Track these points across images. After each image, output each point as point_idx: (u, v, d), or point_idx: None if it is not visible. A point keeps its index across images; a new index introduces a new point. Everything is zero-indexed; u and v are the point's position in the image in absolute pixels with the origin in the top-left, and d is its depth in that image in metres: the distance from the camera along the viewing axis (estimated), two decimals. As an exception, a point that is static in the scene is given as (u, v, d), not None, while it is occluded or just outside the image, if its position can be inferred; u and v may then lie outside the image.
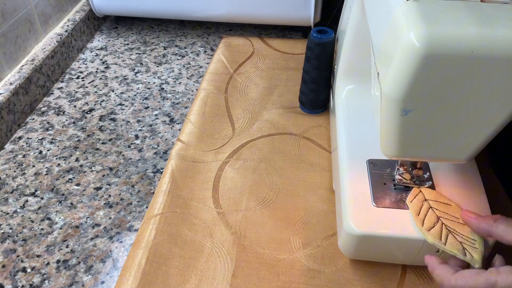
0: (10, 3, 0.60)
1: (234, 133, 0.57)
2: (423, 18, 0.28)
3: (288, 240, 0.44)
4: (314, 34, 0.54)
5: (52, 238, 0.45)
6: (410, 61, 0.28)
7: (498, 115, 0.30)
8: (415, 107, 0.30)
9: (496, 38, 0.27)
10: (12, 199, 0.50)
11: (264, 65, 0.69)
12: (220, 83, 0.65)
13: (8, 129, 0.57)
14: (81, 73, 0.70)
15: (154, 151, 0.56)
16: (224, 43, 0.74)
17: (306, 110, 0.59)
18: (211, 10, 0.74)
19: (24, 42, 0.63)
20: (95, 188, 0.51)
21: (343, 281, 0.41)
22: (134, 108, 0.63)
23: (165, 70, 0.70)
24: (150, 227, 0.45)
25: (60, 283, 0.41)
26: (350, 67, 0.52)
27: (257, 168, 0.52)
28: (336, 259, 0.42)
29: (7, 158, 0.55)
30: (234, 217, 0.46)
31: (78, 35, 0.74)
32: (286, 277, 0.41)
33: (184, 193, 0.49)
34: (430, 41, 0.27)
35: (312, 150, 0.54)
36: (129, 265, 0.42)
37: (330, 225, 0.45)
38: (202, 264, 0.42)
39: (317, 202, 0.48)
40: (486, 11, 0.29)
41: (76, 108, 0.63)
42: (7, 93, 0.57)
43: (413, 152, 0.34)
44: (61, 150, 0.56)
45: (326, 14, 0.75)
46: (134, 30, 0.81)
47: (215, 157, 0.53)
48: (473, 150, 0.33)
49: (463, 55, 0.27)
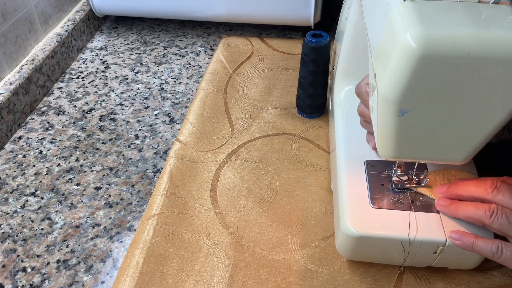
0: (10, 3, 0.60)
1: (233, 133, 0.57)
2: (419, 18, 0.28)
3: (286, 241, 0.44)
4: (308, 39, 0.53)
5: (52, 238, 0.46)
6: (407, 61, 0.28)
7: (495, 115, 0.30)
8: (411, 108, 0.30)
9: (492, 39, 0.27)
10: (12, 199, 0.50)
11: (263, 65, 0.69)
12: (219, 83, 0.65)
13: (8, 129, 0.57)
14: (81, 73, 0.70)
15: (154, 151, 0.56)
16: (224, 43, 0.74)
17: (304, 115, 0.59)
18: (211, 10, 0.74)
19: (24, 42, 0.64)
20: (95, 188, 0.51)
21: (341, 281, 0.41)
22: (134, 108, 0.63)
23: (165, 70, 0.71)
24: (148, 227, 0.45)
25: (60, 283, 0.42)
26: (349, 68, 0.52)
27: (255, 169, 0.52)
28: (333, 260, 0.42)
29: (7, 158, 0.55)
30: (232, 218, 0.46)
31: (78, 35, 0.74)
32: (284, 277, 0.41)
33: (182, 193, 0.49)
34: (426, 41, 0.27)
35: (311, 151, 0.54)
36: (127, 265, 0.42)
37: (328, 226, 0.45)
38: (200, 265, 0.42)
39: (315, 202, 0.48)
40: (483, 12, 0.29)
41: (76, 108, 0.63)
42: (7, 93, 0.57)
43: (410, 153, 0.34)
44: (61, 150, 0.56)
45: (326, 14, 0.74)
46: (134, 30, 0.81)
47: (214, 157, 0.54)
48: (470, 151, 0.33)
49: (459, 56, 0.27)
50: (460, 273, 0.41)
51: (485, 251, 0.35)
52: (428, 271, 0.41)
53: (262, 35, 0.78)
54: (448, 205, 0.37)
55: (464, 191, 0.37)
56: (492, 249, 0.34)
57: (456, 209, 0.37)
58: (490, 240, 0.35)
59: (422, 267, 0.41)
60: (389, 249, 0.38)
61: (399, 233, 0.37)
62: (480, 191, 0.35)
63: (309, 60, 0.54)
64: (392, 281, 0.41)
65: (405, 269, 0.42)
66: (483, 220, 0.35)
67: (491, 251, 0.34)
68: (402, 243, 0.37)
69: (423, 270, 0.41)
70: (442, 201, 0.38)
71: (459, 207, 0.37)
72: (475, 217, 0.35)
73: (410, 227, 0.37)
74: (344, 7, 0.55)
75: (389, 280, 0.41)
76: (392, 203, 0.39)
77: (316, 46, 0.53)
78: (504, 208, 0.34)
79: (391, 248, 0.38)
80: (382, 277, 0.41)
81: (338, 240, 0.40)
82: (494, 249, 0.34)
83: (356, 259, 0.41)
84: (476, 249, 0.35)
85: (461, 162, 0.34)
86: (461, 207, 0.36)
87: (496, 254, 0.34)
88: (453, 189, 0.38)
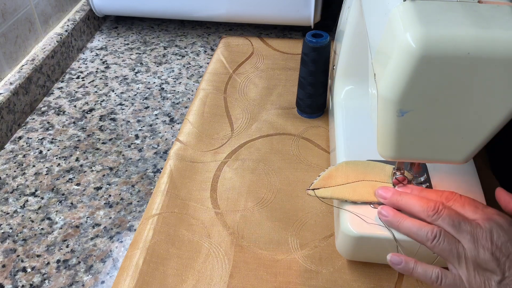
0: (10, 3, 0.60)
1: (233, 133, 0.57)
2: (419, 19, 0.28)
3: (286, 241, 0.44)
4: (309, 39, 0.53)
5: (52, 238, 0.46)
6: (407, 62, 0.28)
7: (495, 116, 0.30)
8: (411, 108, 0.30)
9: (492, 39, 0.27)
10: (12, 199, 0.50)
11: (263, 65, 0.69)
12: (219, 83, 0.65)
13: (8, 129, 0.57)
14: (81, 73, 0.70)
15: (154, 151, 0.56)
16: (224, 43, 0.74)
17: (304, 115, 0.59)
18: (211, 10, 0.74)
19: (24, 42, 0.64)
20: (95, 188, 0.51)
21: (341, 282, 0.41)
22: (134, 108, 0.63)
23: (165, 70, 0.71)
24: (148, 227, 0.45)
25: (60, 283, 0.42)
26: (349, 68, 0.52)
27: (255, 169, 0.52)
28: (333, 260, 0.42)
29: (7, 158, 0.55)
30: (232, 218, 0.46)
31: (78, 35, 0.74)
32: (284, 277, 0.41)
33: (182, 193, 0.49)
34: (426, 42, 0.27)
35: (311, 151, 0.54)
36: (127, 265, 0.42)
37: (328, 226, 0.45)
38: (200, 265, 0.42)
39: (315, 202, 0.48)
40: (482, 12, 0.29)
41: (76, 108, 0.63)
42: (7, 93, 0.57)
43: (410, 153, 0.34)
44: (61, 150, 0.56)
45: (326, 14, 0.74)
46: (134, 30, 0.81)
47: (214, 157, 0.54)
48: (470, 151, 0.33)
49: (459, 56, 0.27)
50: (460, 273, 0.41)
51: (424, 278, 0.34)
52: (428, 271, 0.41)
53: (262, 35, 0.78)
54: (391, 217, 0.36)
55: (406, 207, 0.35)
56: (432, 277, 0.33)
57: (398, 224, 0.35)
58: (430, 267, 0.34)
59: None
60: (389, 249, 0.38)
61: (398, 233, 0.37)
62: (422, 212, 0.34)
63: (309, 60, 0.54)
64: (392, 281, 0.41)
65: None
66: (424, 243, 0.33)
67: (430, 279, 0.33)
68: (398, 248, 0.37)
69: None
70: (385, 211, 0.36)
71: (402, 222, 0.35)
72: (417, 238, 0.34)
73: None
74: (344, 7, 0.55)
75: (389, 280, 0.41)
76: (392, 203, 0.39)
77: (316, 46, 0.53)
78: (447, 233, 0.32)
79: (391, 248, 0.38)
80: (382, 277, 0.41)
81: (338, 240, 0.40)
82: (434, 278, 0.33)
83: (356, 259, 0.41)
84: (415, 275, 0.34)
85: (461, 162, 0.34)
86: (404, 222, 0.35)
87: (435, 283, 0.33)
88: (395, 199, 0.36)
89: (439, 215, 0.33)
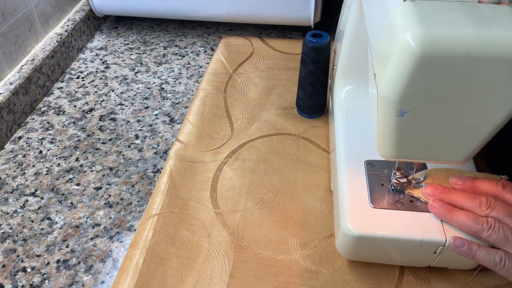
0: (10, 3, 0.60)
1: (233, 133, 0.57)
2: (419, 18, 0.28)
3: (286, 241, 0.44)
4: (309, 39, 0.53)
5: (52, 238, 0.46)
6: (407, 61, 0.28)
7: (495, 116, 0.30)
8: (411, 108, 0.30)
9: (492, 39, 0.27)
10: (12, 199, 0.50)
11: (263, 65, 0.69)
12: (219, 83, 0.65)
13: (8, 129, 0.57)
14: (81, 73, 0.70)
15: (154, 151, 0.56)
16: (224, 43, 0.74)
17: (304, 115, 0.59)
18: (211, 10, 0.74)
19: (24, 42, 0.64)
20: (95, 188, 0.51)
21: (341, 282, 0.41)
22: (134, 108, 0.63)
23: (165, 70, 0.71)
24: (148, 227, 0.45)
25: (60, 283, 0.42)
26: (349, 68, 0.52)
27: (255, 169, 0.52)
28: (333, 260, 0.42)
29: (7, 158, 0.55)
30: (232, 218, 0.46)
31: (78, 35, 0.74)
32: (284, 277, 0.41)
33: (182, 193, 0.49)
34: (426, 41, 0.27)
35: (311, 151, 0.54)
36: (127, 265, 0.42)
37: (328, 226, 0.45)
38: (200, 265, 0.42)
39: (315, 202, 0.48)
40: (483, 12, 0.29)
41: (76, 108, 0.63)
42: (7, 93, 0.57)
43: (410, 153, 0.34)
44: (61, 150, 0.56)
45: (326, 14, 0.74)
46: (134, 30, 0.81)
47: (214, 157, 0.54)
48: (470, 151, 0.33)
49: (459, 56, 0.27)
50: (460, 273, 0.41)
51: (487, 261, 0.34)
52: (428, 271, 0.41)
53: (262, 35, 0.78)
54: (444, 210, 0.37)
55: (457, 202, 0.36)
56: (495, 260, 0.34)
57: (452, 216, 0.36)
58: (493, 250, 0.34)
59: (422, 267, 0.41)
60: (389, 249, 0.38)
61: (399, 233, 0.37)
62: (473, 207, 0.35)
63: (309, 60, 0.54)
64: (392, 281, 0.41)
65: (405, 269, 0.42)
66: (479, 233, 0.34)
67: (493, 262, 0.34)
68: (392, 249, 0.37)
69: (423, 270, 0.41)
70: (437, 204, 0.37)
71: (455, 215, 0.36)
72: (470, 229, 0.35)
73: None
74: (344, 7, 0.55)
75: (389, 280, 0.41)
76: (392, 203, 0.39)
77: (316, 46, 0.53)
78: (502, 222, 0.34)
79: (391, 248, 0.38)
80: (382, 277, 0.41)
81: (338, 240, 0.40)
82: (497, 260, 0.34)
83: (356, 259, 0.41)
84: (477, 258, 0.35)
85: (461, 162, 0.34)
86: (457, 215, 0.36)
87: (498, 265, 0.34)
88: (445, 195, 0.37)
89: (492, 208, 0.34)
